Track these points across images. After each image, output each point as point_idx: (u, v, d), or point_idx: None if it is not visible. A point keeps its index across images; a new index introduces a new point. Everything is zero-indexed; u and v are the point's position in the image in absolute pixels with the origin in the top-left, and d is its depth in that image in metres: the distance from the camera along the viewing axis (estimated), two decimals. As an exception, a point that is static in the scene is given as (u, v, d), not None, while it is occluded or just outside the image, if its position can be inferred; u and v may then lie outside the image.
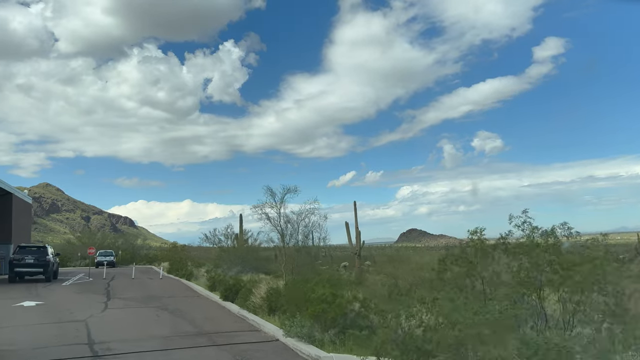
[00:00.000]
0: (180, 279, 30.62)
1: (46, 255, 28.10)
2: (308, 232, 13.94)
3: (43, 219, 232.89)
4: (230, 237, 47.93)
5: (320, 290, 10.87)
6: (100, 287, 24.73)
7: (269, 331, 11.84)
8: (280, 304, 12.95)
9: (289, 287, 12.77)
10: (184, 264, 35.25)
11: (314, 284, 11.93)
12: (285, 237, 14.10)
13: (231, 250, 40.66)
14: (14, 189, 35.75)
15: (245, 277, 23.31)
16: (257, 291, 14.41)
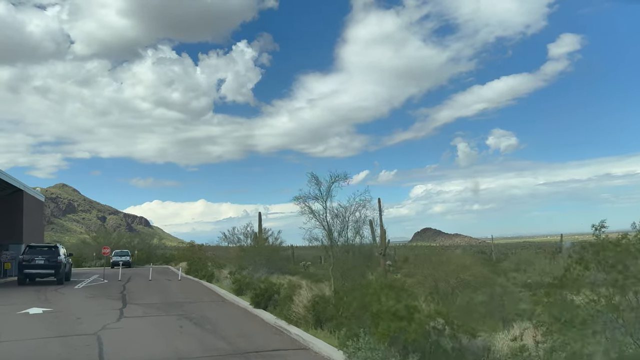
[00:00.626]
0: (201, 281, 28.42)
1: (57, 256, 26.06)
2: (358, 228, 11.50)
3: (60, 219, 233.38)
4: (250, 236, 45.92)
5: (389, 302, 8.48)
6: (116, 291, 22.60)
7: (322, 351, 9.48)
8: (331, 316, 10.61)
9: (342, 295, 10.41)
10: (204, 264, 33.07)
11: (377, 291, 9.53)
12: (332, 235, 11.70)
13: (253, 249, 38.51)
14: (24, 185, 33.86)
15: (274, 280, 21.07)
16: (297, 298, 12.08)
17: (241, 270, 23.78)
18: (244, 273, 23.57)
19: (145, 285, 26.31)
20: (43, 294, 21.07)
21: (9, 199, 32.61)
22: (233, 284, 20.47)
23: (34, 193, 36.48)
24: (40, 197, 39.08)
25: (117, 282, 28.28)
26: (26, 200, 33.71)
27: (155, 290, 23.03)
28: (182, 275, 32.29)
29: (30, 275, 25.79)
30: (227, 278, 24.03)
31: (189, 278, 31.78)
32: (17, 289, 24.04)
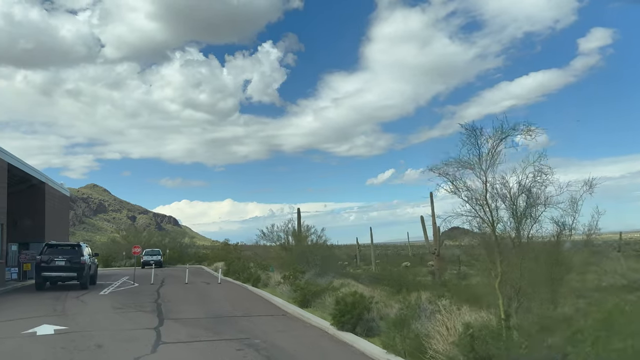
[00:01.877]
0: (245, 285, 24.10)
1: (81, 256, 22.07)
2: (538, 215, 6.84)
3: (91, 219, 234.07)
4: (291, 233, 41.78)
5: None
6: (148, 299, 18.44)
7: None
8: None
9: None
10: (245, 265, 28.79)
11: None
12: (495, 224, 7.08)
13: (305, 249, 34.20)
14: (47, 177, 30.10)
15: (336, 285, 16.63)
16: (435, 326, 7.55)
17: (299, 274, 19.34)
18: (303, 277, 19.16)
19: (182, 290, 22.13)
20: (61, 303, 17.00)
21: (29, 193, 28.90)
22: (295, 292, 16.02)
23: (57, 187, 32.78)
24: (65, 191, 35.40)
25: (149, 286, 24.21)
26: (48, 194, 29.97)
27: (196, 298, 18.80)
28: (221, 277, 28.05)
29: (49, 278, 21.87)
30: (282, 283, 19.62)
31: (230, 281, 27.54)
32: (33, 295, 20.11)
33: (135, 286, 24.22)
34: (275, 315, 14.58)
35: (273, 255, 37.40)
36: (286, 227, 39.68)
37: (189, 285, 24.70)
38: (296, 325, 12.81)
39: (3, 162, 22.43)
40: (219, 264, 40.56)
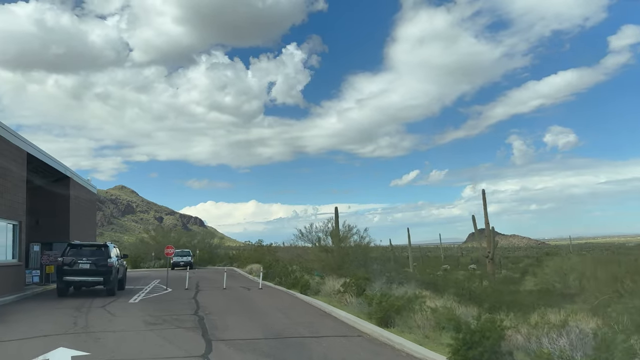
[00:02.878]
0: (292, 292, 20.87)
1: (108, 258, 19.16)
2: None
3: (119, 220, 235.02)
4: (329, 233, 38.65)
5: None
6: (186, 309, 15.37)
7: None
8: None
9: None
10: (286, 269, 25.61)
11: None
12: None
13: (344, 251, 30.98)
14: (72, 172, 27.44)
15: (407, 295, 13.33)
16: None
17: (362, 281, 15.99)
18: (371, 286, 15.87)
19: (223, 297, 19.03)
20: (84, 316, 14.00)
21: (52, 188, 26.26)
22: (370, 305, 12.69)
23: (84, 182, 30.14)
24: (92, 188, 32.79)
25: (183, 291, 21.22)
26: (73, 190, 27.30)
27: (242, 308, 15.63)
28: (262, 282, 24.90)
29: (72, 283, 19.01)
30: (341, 292, 16.30)
31: (272, 287, 24.35)
32: (53, 303, 17.24)
33: (169, 292, 21.24)
34: (350, 336, 11.29)
35: (312, 258, 34.24)
36: (326, 226, 36.50)
37: (228, 292, 21.62)
38: (388, 353, 9.49)
39: (21, 151, 19.70)
40: (253, 266, 37.54)
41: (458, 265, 62.31)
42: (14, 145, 18.86)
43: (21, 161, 19.64)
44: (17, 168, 19.19)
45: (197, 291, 21.59)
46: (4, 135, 17.94)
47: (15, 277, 19.16)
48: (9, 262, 18.78)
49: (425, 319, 11.06)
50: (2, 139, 17.81)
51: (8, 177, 18.27)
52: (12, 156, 18.63)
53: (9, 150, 18.36)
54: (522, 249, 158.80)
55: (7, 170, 18.30)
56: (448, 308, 11.65)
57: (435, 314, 10.78)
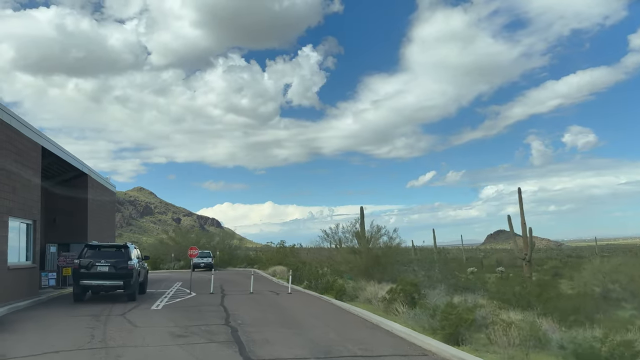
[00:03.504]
0: (326, 298, 19.01)
1: (128, 260, 17.51)
2: None
3: (137, 221, 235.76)
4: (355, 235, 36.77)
5: None
6: (215, 317, 13.62)
7: None
8: None
9: None
10: (317, 272, 23.75)
11: None
12: None
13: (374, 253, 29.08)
14: (90, 169, 25.94)
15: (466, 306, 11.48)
16: None
17: (412, 287, 14.05)
18: (423, 294, 13.95)
19: (253, 304, 17.24)
20: (101, 326, 12.31)
21: (70, 186, 24.79)
22: (434, 317, 10.77)
23: (102, 180, 28.66)
24: (111, 186, 31.33)
25: (209, 296, 19.52)
26: (92, 188, 25.80)
27: (278, 318, 13.81)
28: (291, 286, 23.09)
29: (89, 288, 17.38)
30: (386, 300, 14.39)
31: (302, 291, 22.53)
32: (69, 309, 15.61)
33: (193, 296, 19.55)
34: (412, 355, 9.40)
35: (340, 260, 32.39)
36: (354, 227, 34.63)
37: (257, 297, 19.86)
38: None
39: (35, 145, 18.16)
40: (277, 268, 35.79)
41: (482, 267, 59.88)
42: (27, 137, 17.33)
43: (35, 155, 18.10)
44: (31, 163, 17.66)
45: (223, 296, 19.87)
46: (17, 127, 16.42)
47: (30, 281, 17.61)
48: (22, 264, 17.24)
49: (504, 334, 9.16)
50: (15, 131, 16.29)
51: (21, 173, 16.73)
52: (25, 150, 17.10)
53: (21, 143, 16.83)
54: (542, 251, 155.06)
55: (20, 165, 16.76)
56: (531, 322, 9.71)
57: (521, 331, 8.85)
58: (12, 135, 16.12)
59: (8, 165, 15.70)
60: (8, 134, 15.78)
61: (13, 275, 16.03)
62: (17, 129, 16.44)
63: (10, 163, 15.82)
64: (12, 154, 16.01)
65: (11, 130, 16.06)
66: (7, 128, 15.77)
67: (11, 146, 15.99)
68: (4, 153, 15.45)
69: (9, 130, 15.82)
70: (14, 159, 16.21)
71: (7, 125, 15.77)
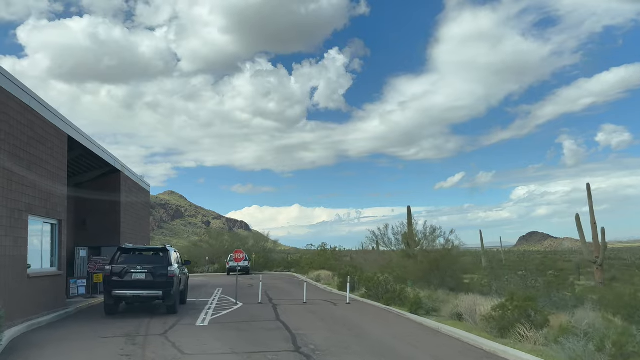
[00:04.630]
0: (398, 311, 15.83)
1: (168, 266, 14.67)
2: None
3: (168, 224, 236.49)
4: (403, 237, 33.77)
5: None
6: (278, 339, 10.59)
7: None
8: None
9: None
10: (377, 278, 20.53)
11: None
12: None
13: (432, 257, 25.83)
14: (123, 165, 23.36)
15: None
16: None
17: (529, 304, 10.75)
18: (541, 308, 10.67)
19: (314, 318, 14.17)
20: (139, 351, 9.40)
21: (101, 183, 22.25)
22: (602, 349, 7.52)
23: (136, 178, 26.10)
24: (146, 185, 28.80)
25: (258, 307, 16.58)
26: (125, 186, 23.22)
27: (356, 341, 10.68)
28: (348, 295, 19.99)
29: (123, 299, 14.56)
30: (493, 319, 11.12)
31: (361, 301, 19.40)
32: (99, 325, 12.81)
33: (240, 308, 16.63)
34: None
35: (393, 264, 29.14)
36: (402, 228, 31.39)
37: (313, 308, 16.84)
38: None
39: (61, 133, 15.52)
40: (320, 273, 32.75)
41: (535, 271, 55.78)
42: (50, 124, 14.69)
43: (61, 145, 15.47)
44: (56, 153, 15.02)
45: (275, 307, 16.90)
46: (38, 110, 13.79)
47: (55, 290, 14.93)
48: (45, 271, 14.56)
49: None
50: (36, 114, 13.66)
51: (44, 164, 14.08)
52: (48, 137, 14.46)
53: (44, 129, 14.18)
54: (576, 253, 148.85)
55: (42, 154, 14.12)
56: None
57: None
58: (33, 120, 13.47)
59: (27, 154, 13.05)
60: (28, 117, 13.14)
61: (34, 285, 13.36)
62: (38, 112, 13.80)
63: (30, 151, 13.17)
64: (32, 141, 13.36)
65: (31, 113, 13.42)
66: (27, 110, 13.13)
67: (31, 132, 13.34)
68: (23, 139, 12.81)
69: (28, 113, 13.18)
70: (35, 147, 13.55)
71: (26, 107, 13.13)
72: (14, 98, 12.38)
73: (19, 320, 12.19)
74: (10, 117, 12.14)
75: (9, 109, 12.09)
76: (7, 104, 12.07)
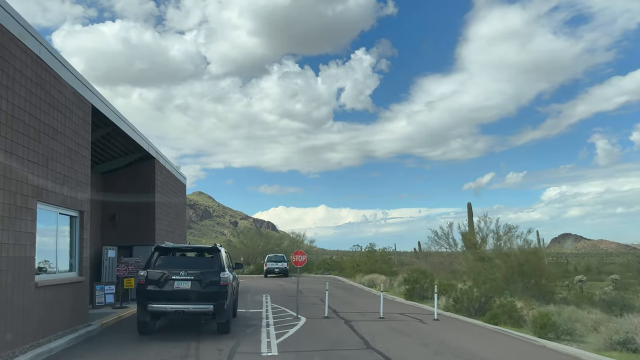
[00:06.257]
0: (519, 334, 11.80)
1: (221, 272, 10.92)
2: None
3: (197, 224, 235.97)
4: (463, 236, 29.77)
5: None
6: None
7: None
8: None
9: None
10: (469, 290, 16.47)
11: None
12: None
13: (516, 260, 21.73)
14: (157, 152, 19.89)
15: None
16: None
17: None
18: None
19: (417, 347, 10.28)
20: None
21: (133, 171, 18.83)
22: None
23: (172, 168, 22.64)
24: (182, 177, 25.38)
25: (328, 323, 12.73)
26: (160, 176, 19.72)
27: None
28: (436, 310, 16.04)
29: (161, 314, 10.93)
30: None
31: (450, 316, 15.40)
32: (130, 348, 9.17)
33: (306, 324, 12.84)
34: None
35: (464, 268, 25.04)
36: (479, 226, 27.27)
37: (398, 325, 12.95)
38: None
39: (82, 100, 11.98)
40: (373, 277, 28.82)
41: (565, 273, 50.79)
42: (70, 88, 11.18)
43: (83, 117, 11.95)
44: (75, 125, 11.51)
45: (348, 323, 13.06)
46: (53, 67, 10.28)
47: (74, 302, 11.37)
48: (61, 277, 10.99)
49: None
50: (49, 71, 10.16)
51: (60, 138, 10.57)
52: (67, 104, 10.94)
53: (60, 91, 10.67)
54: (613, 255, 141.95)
55: (59, 124, 10.60)
56: None
57: None
58: (44, 76, 9.95)
59: (36, 120, 9.52)
60: (37, 71, 9.63)
61: (45, 297, 9.82)
62: (52, 67, 10.29)
63: (39, 117, 9.65)
64: (43, 104, 9.84)
65: (44, 68, 9.92)
66: (37, 64, 9.64)
67: (42, 92, 9.82)
68: (30, 99, 9.28)
69: (38, 67, 9.67)
70: (48, 112, 10.03)
71: (37, 59, 9.64)
72: (16, 41, 8.86)
73: (21, 347, 8.64)
74: (9, 66, 8.61)
75: (7, 55, 8.56)
76: (7, 46, 8.54)
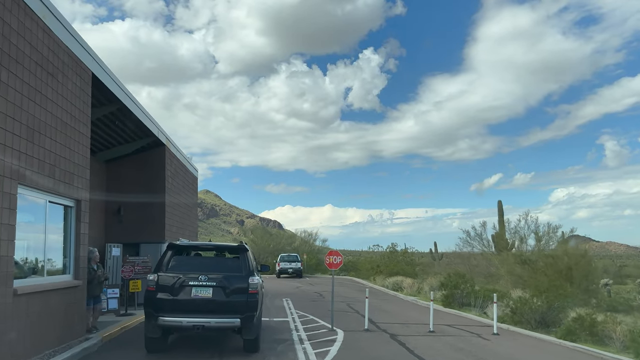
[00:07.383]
0: (613, 355, 9.51)
1: (249, 276, 8.71)
2: None
3: (204, 222, 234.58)
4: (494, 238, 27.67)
5: None
6: None
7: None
8: None
9: None
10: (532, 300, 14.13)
11: None
12: None
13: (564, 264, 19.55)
14: (168, 138, 17.69)
15: None
16: None
17: None
18: None
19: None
20: None
21: (141, 159, 16.68)
22: None
23: (183, 158, 20.45)
24: (194, 169, 23.17)
25: (374, 340, 10.46)
26: (170, 166, 17.54)
27: None
28: (495, 324, 13.75)
29: (174, 329, 8.73)
30: None
31: (512, 330, 13.11)
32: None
33: (347, 340, 10.60)
34: None
35: (501, 271, 22.75)
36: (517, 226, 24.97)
37: (457, 343, 10.70)
38: None
39: (80, 66, 9.79)
40: (398, 280, 26.57)
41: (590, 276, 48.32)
42: (65, 48, 9.01)
43: (82, 85, 9.80)
44: (73, 96, 9.35)
45: (394, 337, 10.82)
46: (43, 18, 8.13)
47: (67, 312, 9.18)
48: (51, 282, 8.79)
49: None
50: (38, 23, 8.01)
51: (50, 107, 8.41)
52: (60, 67, 8.79)
53: (53, 51, 8.52)
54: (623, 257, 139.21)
55: (50, 90, 8.43)
56: None
57: None
58: (31, 27, 7.79)
59: (18, 81, 7.36)
60: (25, 23, 7.47)
61: (29, 307, 7.64)
62: (43, 20, 8.11)
63: (24, 78, 7.48)
64: (27, 60, 7.67)
65: (33, 20, 7.76)
66: (24, 13, 7.47)
67: (27, 46, 7.66)
68: (10, 51, 7.12)
69: (27, 18, 7.51)
70: (35, 73, 7.86)
71: (25, 7, 7.48)
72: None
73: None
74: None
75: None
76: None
